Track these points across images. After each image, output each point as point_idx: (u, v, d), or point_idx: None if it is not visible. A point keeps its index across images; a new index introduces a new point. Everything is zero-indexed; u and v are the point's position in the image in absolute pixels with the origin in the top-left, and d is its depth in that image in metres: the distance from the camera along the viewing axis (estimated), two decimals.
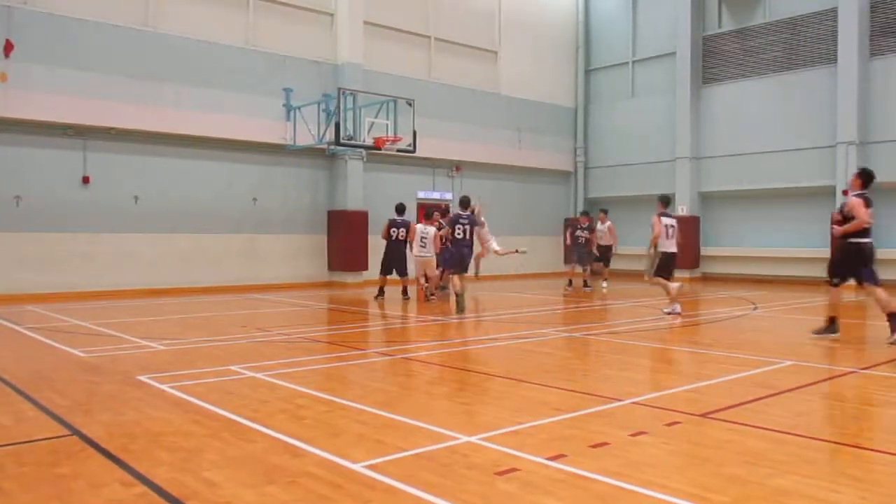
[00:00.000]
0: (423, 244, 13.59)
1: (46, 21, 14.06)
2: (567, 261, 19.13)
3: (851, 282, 8.68)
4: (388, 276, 14.42)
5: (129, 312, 11.94)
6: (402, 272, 14.26)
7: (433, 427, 4.70)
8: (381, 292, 14.31)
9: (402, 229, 14.28)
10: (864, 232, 8.36)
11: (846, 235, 8.39)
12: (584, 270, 16.89)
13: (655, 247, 11.38)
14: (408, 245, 14.19)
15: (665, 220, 11.43)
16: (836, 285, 8.70)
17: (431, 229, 13.61)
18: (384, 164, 19.28)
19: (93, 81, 14.52)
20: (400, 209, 14.68)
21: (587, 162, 24.31)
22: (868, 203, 8.35)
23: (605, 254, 17.13)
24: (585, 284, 16.71)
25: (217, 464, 3.98)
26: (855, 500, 3.42)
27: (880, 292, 8.29)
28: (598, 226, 17.21)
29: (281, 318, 11.44)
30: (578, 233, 16.91)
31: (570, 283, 16.94)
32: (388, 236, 14.34)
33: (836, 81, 18.48)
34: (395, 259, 14.30)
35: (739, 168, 20.57)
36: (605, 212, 17.62)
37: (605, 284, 17.00)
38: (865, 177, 8.66)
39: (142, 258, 15.48)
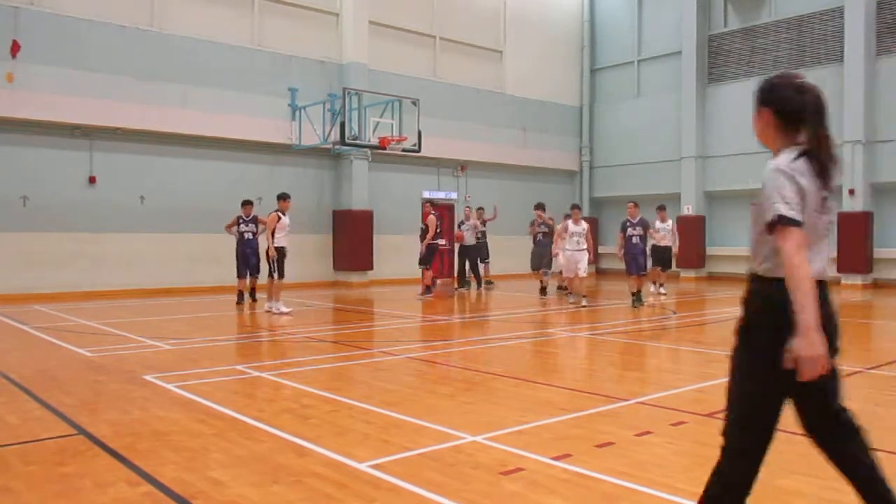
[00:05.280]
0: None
1: (53, 22, 14.11)
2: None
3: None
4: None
5: (136, 312, 11.98)
6: (256, 272, 13.17)
7: (438, 427, 4.70)
8: (249, 296, 13.29)
9: (251, 225, 13.11)
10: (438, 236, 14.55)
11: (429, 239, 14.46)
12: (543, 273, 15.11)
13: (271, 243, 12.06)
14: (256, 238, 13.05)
15: (284, 220, 12.17)
16: (427, 269, 14.60)
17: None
18: (389, 164, 19.27)
19: (99, 82, 14.57)
20: (246, 203, 13.29)
21: (592, 161, 24.26)
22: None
23: (664, 255, 15.39)
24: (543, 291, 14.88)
25: (223, 463, 3.99)
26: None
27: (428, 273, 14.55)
28: (658, 224, 15.37)
29: (286, 317, 11.45)
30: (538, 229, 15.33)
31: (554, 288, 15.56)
32: (237, 233, 13.06)
33: (842, 80, 18.38)
34: (251, 258, 13.10)
35: (745, 167, 20.46)
36: (664, 208, 15.94)
37: (662, 290, 15.41)
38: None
39: (148, 258, 15.52)
